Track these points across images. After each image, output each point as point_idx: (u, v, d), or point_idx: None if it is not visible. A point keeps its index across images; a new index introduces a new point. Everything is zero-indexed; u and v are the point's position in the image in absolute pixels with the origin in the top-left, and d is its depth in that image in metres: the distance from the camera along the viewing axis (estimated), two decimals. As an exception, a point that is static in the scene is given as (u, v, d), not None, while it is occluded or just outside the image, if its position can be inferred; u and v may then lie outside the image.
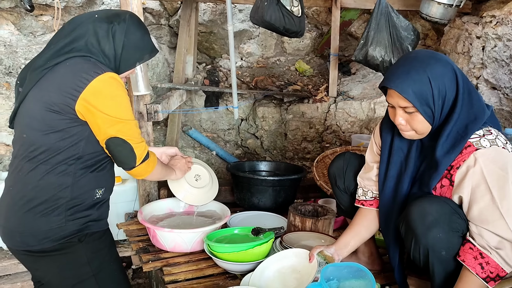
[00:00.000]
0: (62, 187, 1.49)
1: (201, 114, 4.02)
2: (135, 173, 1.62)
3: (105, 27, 1.51)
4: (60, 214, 1.50)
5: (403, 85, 1.43)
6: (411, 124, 1.50)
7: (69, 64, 1.46)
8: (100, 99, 1.45)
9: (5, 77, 2.91)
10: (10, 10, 3.06)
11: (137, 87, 2.28)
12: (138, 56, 1.62)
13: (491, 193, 1.41)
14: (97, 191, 1.59)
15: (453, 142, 1.48)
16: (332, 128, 3.72)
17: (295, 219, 2.10)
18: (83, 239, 1.56)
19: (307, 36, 4.50)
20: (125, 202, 2.58)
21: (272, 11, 2.28)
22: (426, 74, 1.43)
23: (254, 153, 4.00)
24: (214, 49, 4.33)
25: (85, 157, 1.52)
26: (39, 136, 1.47)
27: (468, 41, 3.13)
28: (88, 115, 1.46)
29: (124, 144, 1.51)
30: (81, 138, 1.49)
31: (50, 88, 1.45)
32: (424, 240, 1.47)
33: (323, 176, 2.69)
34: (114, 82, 1.48)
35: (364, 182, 1.81)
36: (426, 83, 1.43)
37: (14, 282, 2.36)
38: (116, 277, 1.68)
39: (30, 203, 1.48)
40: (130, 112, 1.54)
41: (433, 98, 1.44)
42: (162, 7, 4.05)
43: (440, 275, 1.52)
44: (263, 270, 1.75)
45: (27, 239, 1.50)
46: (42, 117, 1.46)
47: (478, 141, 1.46)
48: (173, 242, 2.04)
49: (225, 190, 2.78)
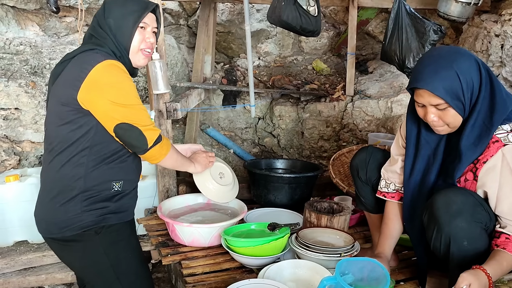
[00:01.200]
0: (75, 178, 1.54)
1: (219, 113, 4.08)
2: (149, 156, 1.61)
3: (95, 19, 1.59)
4: (76, 205, 1.55)
5: (433, 83, 1.46)
6: (443, 120, 1.52)
7: (77, 58, 1.53)
8: (100, 87, 1.47)
9: (31, 76, 3.01)
10: (35, 11, 3.16)
11: (156, 85, 2.34)
12: (129, 20, 1.58)
13: None
14: (114, 184, 1.62)
15: (479, 133, 1.51)
16: (349, 126, 3.73)
17: (310, 215, 2.13)
18: (100, 231, 1.60)
19: (325, 35, 4.51)
20: (145, 198, 2.64)
21: (289, 10, 2.31)
22: (453, 69, 1.46)
23: (271, 152, 4.04)
24: (232, 48, 4.38)
25: (97, 148, 1.55)
26: (54, 129, 1.55)
27: (486, 39, 3.11)
28: (91, 104, 1.49)
29: (132, 128, 1.52)
30: (89, 128, 1.52)
31: (60, 82, 1.54)
32: (447, 229, 1.48)
33: (339, 174, 2.71)
34: (113, 68, 1.50)
35: (388, 174, 1.84)
36: (455, 79, 1.46)
37: (38, 275, 2.43)
38: (135, 269, 1.70)
39: (50, 193, 1.57)
40: (133, 97, 1.54)
41: (463, 91, 1.47)
42: (181, 7, 4.12)
43: (460, 266, 1.51)
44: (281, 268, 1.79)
45: (50, 227, 1.59)
46: (55, 111, 1.54)
47: (506, 137, 1.48)
48: (191, 236, 2.09)
49: (242, 187, 2.82)
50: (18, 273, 2.42)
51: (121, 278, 1.64)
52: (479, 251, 1.51)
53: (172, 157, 1.71)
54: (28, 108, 2.91)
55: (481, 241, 1.50)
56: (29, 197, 2.32)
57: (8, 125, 2.88)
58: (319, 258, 1.81)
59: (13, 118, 2.90)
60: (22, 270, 2.45)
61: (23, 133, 2.94)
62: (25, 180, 2.47)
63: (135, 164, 1.71)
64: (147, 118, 1.58)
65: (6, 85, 2.84)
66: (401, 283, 1.87)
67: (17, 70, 2.99)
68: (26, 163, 2.98)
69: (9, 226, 2.50)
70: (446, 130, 1.57)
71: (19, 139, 2.95)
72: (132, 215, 1.76)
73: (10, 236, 2.54)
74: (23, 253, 2.47)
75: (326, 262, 1.79)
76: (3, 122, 2.87)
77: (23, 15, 3.15)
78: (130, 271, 1.68)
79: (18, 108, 2.91)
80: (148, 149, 1.58)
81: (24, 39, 3.16)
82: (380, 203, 1.92)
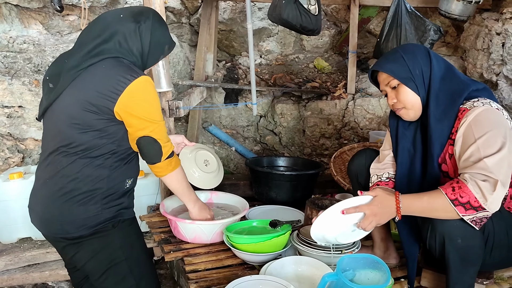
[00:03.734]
0: (99, 179, 1.59)
1: (221, 111, 4.09)
2: (157, 168, 1.72)
3: (132, 27, 1.58)
4: (96, 203, 1.60)
5: (381, 64, 1.69)
6: (400, 99, 1.66)
7: (105, 66, 1.54)
8: (137, 102, 1.55)
9: (34, 74, 3.02)
10: (38, 10, 3.18)
11: (159, 84, 2.36)
12: (161, 50, 1.71)
13: (476, 140, 1.47)
14: (127, 181, 1.70)
15: (443, 109, 1.59)
16: (350, 124, 3.75)
17: (311, 212, 2.15)
18: (116, 225, 1.66)
19: (326, 34, 4.51)
20: (148, 195, 2.67)
21: (290, 9, 2.33)
22: (399, 52, 1.67)
23: (273, 149, 4.05)
24: (234, 47, 4.39)
25: (120, 152, 1.63)
26: (77, 134, 1.55)
27: (488, 37, 3.11)
28: (125, 116, 1.56)
29: (155, 143, 1.63)
30: (117, 136, 1.60)
31: (87, 88, 1.53)
32: (441, 228, 1.51)
33: (340, 171, 2.73)
34: (149, 86, 1.58)
35: (378, 169, 1.86)
36: (400, 58, 1.65)
37: (42, 271, 2.45)
38: (144, 262, 1.76)
39: (69, 194, 1.58)
40: (161, 114, 1.65)
41: (409, 68, 1.62)
42: (183, 6, 4.13)
43: (456, 264, 1.54)
44: (283, 265, 1.81)
45: (66, 227, 1.59)
46: (79, 116, 1.53)
47: (472, 104, 1.55)
48: (193, 233, 2.11)
49: (244, 184, 2.85)
50: (22, 270, 2.44)
51: (134, 271, 1.68)
52: (474, 248, 1.53)
53: (177, 177, 1.81)
54: (32, 106, 2.93)
55: (475, 238, 1.52)
56: (33, 194, 2.34)
57: (12, 123, 2.90)
58: (320, 254, 1.83)
59: (16, 116, 2.92)
60: (26, 266, 2.47)
61: (26, 131, 2.96)
62: (29, 178, 2.49)
63: (138, 161, 1.79)
64: (166, 135, 1.70)
65: (10, 83, 2.86)
66: (401, 280, 1.88)
67: (20, 69, 3.01)
68: (30, 161, 3.00)
69: (13, 223, 2.52)
70: (407, 114, 1.68)
71: (23, 136, 2.97)
72: (134, 212, 1.81)
73: (14, 233, 2.56)
74: (27, 250, 2.49)
75: (327, 259, 1.81)
76: (7, 120, 2.89)
77: (26, 13, 3.16)
78: (141, 265, 1.73)
79: (22, 106, 2.93)
80: (160, 161, 1.70)
81: (28, 38, 3.17)
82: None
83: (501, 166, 1.43)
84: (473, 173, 1.44)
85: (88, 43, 1.56)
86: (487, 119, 1.49)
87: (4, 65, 2.98)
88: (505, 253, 1.66)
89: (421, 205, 1.50)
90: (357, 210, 1.55)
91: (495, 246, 1.61)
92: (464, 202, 1.42)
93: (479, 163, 1.44)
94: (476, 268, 1.58)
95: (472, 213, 1.43)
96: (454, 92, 1.60)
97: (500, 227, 1.58)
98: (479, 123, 1.49)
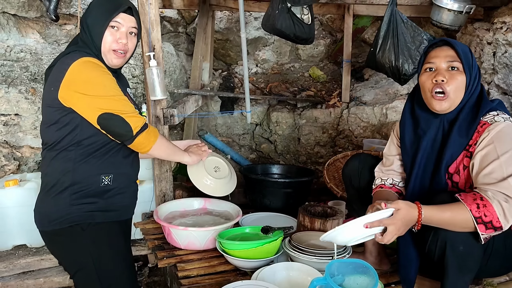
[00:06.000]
0: (64, 172, 1.60)
1: (217, 119, 4.12)
2: (137, 144, 1.62)
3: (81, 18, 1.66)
4: (65, 198, 1.60)
5: (455, 43, 1.60)
6: (450, 82, 1.57)
7: (60, 61, 1.59)
8: (77, 84, 1.53)
9: (31, 83, 3.05)
10: (36, 20, 3.22)
11: (154, 92, 2.38)
12: (100, 18, 1.61)
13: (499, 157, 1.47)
14: (103, 177, 1.64)
15: (469, 122, 1.58)
16: (344, 133, 3.78)
17: (304, 219, 2.17)
18: (86, 228, 1.62)
19: (322, 43, 4.57)
20: (142, 202, 2.67)
21: (283, 19, 2.36)
22: (467, 47, 1.63)
23: (268, 157, 4.08)
24: (230, 56, 4.44)
25: (84, 143, 1.60)
26: (45, 130, 1.64)
27: (479, 47, 3.16)
28: (72, 101, 1.55)
29: (114, 117, 1.55)
30: (75, 125, 1.58)
31: (45, 86, 1.63)
32: (444, 233, 1.51)
33: (333, 179, 2.75)
34: (87, 65, 1.55)
35: (384, 173, 1.86)
36: (470, 52, 1.61)
37: (37, 278, 2.45)
38: (118, 272, 1.68)
39: (45, 188, 1.65)
40: (111, 89, 1.57)
41: (473, 64, 1.59)
42: (179, 15, 4.18)
43: (453, 270, 1.54)
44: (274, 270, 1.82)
45: (42, 219, 1.65)
46: (44, 113, 1.63)
47: (493, 119, 1.56)
48: (187, 240, 2.12)
49: (238, 192, 2.86)
50: (16, 277, 2.45)
51: (102, 279, 1.63)
52: (474, 257, 1.54)
53: (162, 144, 1.72)
54: (28, 114, 2.95)
55: (477, 248, 1.52)
56: (28, 201, 2.34)
57: (8, 131, 2.93)
58: (311, 260, 1.84)
59: (13, 124, 2.95)
60: (21, 273, 2.47)
61: (22, 139, 2.98)
62: (24, 185, 2.50)
63: (127, 158, 1.72)
64: (128, 107, 1.60)
65: (7, 92, 2.89)
66: (392, 286, 1.90)
67: (17, 77, 3.04)
68: (26, 168, 3.02)
69: (8, 230, 2.53)
70: (444, 101, 1.58)
71: (19, 144, 2.99)
72: (124, 216, 1.77)
73: (9, 240, 2.57)
74: (22, 257, 2.50)
75: (318, 265, 1.83)
76: (3, 127, 2.91)
77: (24, 23, 3.21)
78: (112, 273, 1.66)
79: (18, 114, 2.95)
80: (134, 136, 1.59)
81: (25, 47, 3.21)
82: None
83: None
84: (495, 191, 1.44)
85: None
86: (509, 135, 1.50)
87: (1, 74, 3.01)
88: (500, 262, 1.67)
89: (443, 219, 1.48)
90: (380, 224, 1.49)
91: (492, 255, 1.62)
92: (486, 221, 1.42)
93: (503, 182, 1.44)
94: (472, 275, 1.59)
95: (490, 232, 1.44)
96: (480, 107, 1.59)
97: (499, 237, 1.58)
98: (502, 139, 1.50)
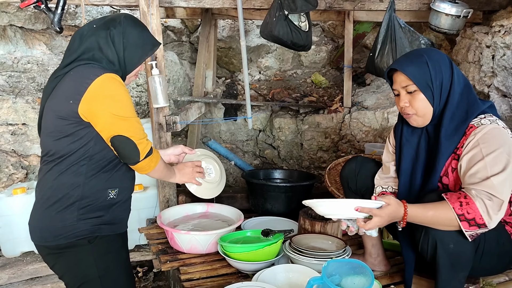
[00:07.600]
0: (73, 186, 1.59)
1: (220, 126, 4.17)
2: (139, 167, 1.68)
3: (103, 35, 1.61)
4: (73, 212, 1.59)
5: (403, 64, 1.64)
6: (413, 105, 1.64)
7: (73, 72, 1.58)
8: (100, 100, 1.54)
9: (37, 93, 3.13)
10: (42, 31, 3.30)
11: (156, 99, 2.44)
12: (141, 53, 1.69)
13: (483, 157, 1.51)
14: (110, 191, 1.66)
15: (456, 125, 1.61)
16: (347, 137, 3.81)
17: (305, 222, 2.20)
18: (93, 241, 1.63)
19: (323, 49, 4.61)
20: (147, 208, 2.73)
21: (280, 26, 2.40)
22: (424, 57, 1.63)
23: (272, 163, 4.12)
24: (233, 63, 4.49)
25: (96, 157, 1.61)
26: (52, 142, 1.59)
27: (478, 50, 3.18)
28: (91, 116, 1.55)
29: (127, 141, 1.59)
30: (89, 139, 1.58)
31: (57, 96, 1.58)
32: (434, 232, 1.55)
33: (335, 182, 2.78)
34: (112, 82, 1.56)
35: (383, 181, 1.90)
36: (424, 64, 1.62)
37: (44, 284, 2.51)
38: (121, 283, 1.72)
39: (48, 201, 1.60)
40: (130, 110, 1.60)
41: (431, 78, 1.61)
42: (183, 24, 4.25)
43: (446, 268, 1.57)
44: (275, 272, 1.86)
45: (45, 235, 1.61)
46: (53, 124, 1.58)
47: (479, 121, 1.59)
48: (189, 243, 2.16)
49: (241, 197, 2.90)
50: (25, 283, 2.51)
51: None
52: (466, 254, 1.57)
53: (159, 169, 1.78)
54: (35, 123, 3.02)
55: (467, 244, 1.55)
56: (35, 208, 2.41)
57: (16, 140, 3.00)
58: (311, 262, 1.87)
59: (20, 133, 3.02)
60: (29, 279, 2.53)
61: (30, 148, 3.05)
62: (31, 193, 2.56)
63: (129, 172, 1.76)
64: (141, 131, 1.65)
65: (14, 102, 2.97)
66: (391, 286, 1.92)
67: (24, 87, 3.12)
68: (33, 177, 3.08)
69: (16, 237, 2.59)
70: (416, 120, 1.67)
71: (26, 153, 3.06)
72: (124, 227, 1.79)
73: (17, 247, 2.63)
74: (30, 263, 2.55)
75: (318, 266, 1.85)
76: (11, 137, 2.98)
77: (30, 35, 3.29)
78: (116, 285, 1.70)
79: (26, 124, 3.02)
80: (139, 161, 1.65)
81: (32, 58, 3.29)
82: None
83: (505, 185, 1.49)
84: (479, 190, 1.48)
85: (69, 57, 1.62)
86: (495, 137, 1.54)
87: (9, 85, 3.09)
88: (495, 261, 1.70)
89: (426, 217, 1.53)
90: (370, 212, 1.53)
91: (485, 253, 1.65)
92: (469, 218, 1.46)
93: (486, 181, 1.48)
94: (465, 273, 1.62)
95: (474, 230, 1.48)
96: (469, 110, 1.62)
97: (491, 235, 1.61)
98: (488, 140, 1.54)
